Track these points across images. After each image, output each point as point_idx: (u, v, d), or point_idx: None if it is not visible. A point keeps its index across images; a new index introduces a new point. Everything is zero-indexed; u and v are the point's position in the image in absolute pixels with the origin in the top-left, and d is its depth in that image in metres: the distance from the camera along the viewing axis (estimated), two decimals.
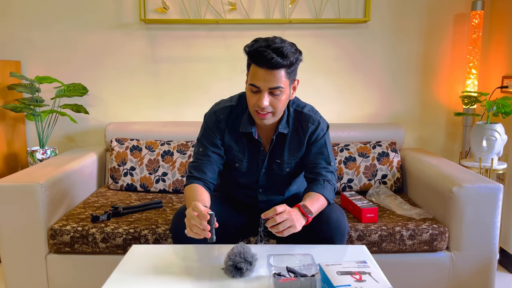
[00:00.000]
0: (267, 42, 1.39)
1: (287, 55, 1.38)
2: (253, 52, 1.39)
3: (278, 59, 1.36)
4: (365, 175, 2.33)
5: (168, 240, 1.80)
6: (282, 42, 1.40)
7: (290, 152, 1.61)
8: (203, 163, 1.56)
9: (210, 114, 1.62)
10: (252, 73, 1.43)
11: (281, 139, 1.60)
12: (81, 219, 1.90)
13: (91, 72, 2.68)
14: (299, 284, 1.09)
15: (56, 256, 1.87)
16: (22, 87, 2.46)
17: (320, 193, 1.51)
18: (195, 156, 1.60)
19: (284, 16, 2.60)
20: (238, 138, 1.60)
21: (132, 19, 2.62)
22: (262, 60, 1.37)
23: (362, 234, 1.83)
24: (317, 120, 1.60)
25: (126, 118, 2.73)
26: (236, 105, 1.60)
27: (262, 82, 1.40)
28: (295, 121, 1.59)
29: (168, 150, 2.38)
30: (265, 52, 1.36)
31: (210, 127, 1.59)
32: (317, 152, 1.60)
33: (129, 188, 2.35)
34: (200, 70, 2.69)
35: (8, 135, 2.52)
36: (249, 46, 1.42)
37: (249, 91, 1.45)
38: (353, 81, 2.71)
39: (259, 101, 1.42)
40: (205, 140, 1.59)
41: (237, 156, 1.61)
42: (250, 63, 1.44)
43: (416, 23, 2.65)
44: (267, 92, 1.42)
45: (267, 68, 1.38)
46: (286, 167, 1.62)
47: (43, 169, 2.02)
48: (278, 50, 1.37)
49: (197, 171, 1.56)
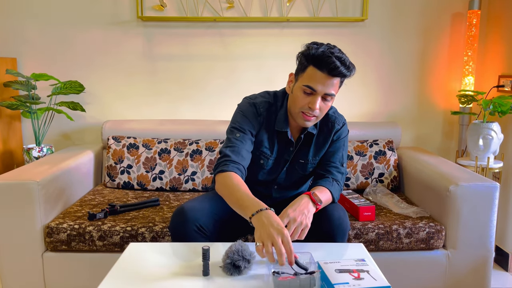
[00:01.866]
0: (329, 48, 1.40)
1: (349, 67, 1.41)
2: (319, 55, 1.39)
3: (343, 69, 1.39)
4: (362, 173, 2.33)
5: (166, 238, 1.79)
6: (341, 52, 1.42)
7: (315, 153, 1.63)
8: (242, 148, 1.48)
9: (249, 104, 1.57)
10: (310, 75, 1.42)
11: (308, 140, 1.61)
12: (78, 217, 1.89)
13: (88, 69, 2.67)
14: (298, 282, 1.09)
15: (53, 254, 1.86)
16: (18, 84, 2.45)
17: (328, 188, 1.52)
18: (231, 141, 1.50)
19: (282, 14, 2.60)
20: (271, 135, 1.59)
21: (129, 17, 2.61)
22: (326, 66, 1.38)
23: (359, 232, 1.83)
24: (342, 121, 1.64)
25: (123, 116, 2.72)
26: (273, 103, 1.59)
27: (320, 86, 1.41)
28: (322, 123, 1.62)
29: (165, 148, 2.37)
30: (331, 59, 1.37)
31: (249, 116, 1.55)
32: (334, 151, 1.62)
33: (126, 186, 2.35)
34: (197, 68, 2.68)
35: (4, 133, 2.51)
36: (314, 49, 1.41)
37: (301, 92, 1.45)
38: (350, 80, 2.69)
39: (311, 103, 1.43)
40: (243, 126, 1.53)
41: (265, 153, 1.61)
42: (306, 65, 1.43)
43: (413, 22, 2.65)
44: (321, 96, 1.43)
45: (328, 73, 1.39)
46: (310, 167, 1.65)
47: (40, 167, 2.01)
48: (341, 59, 1.39)
49: (236, 155, 1.46)
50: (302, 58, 1.45)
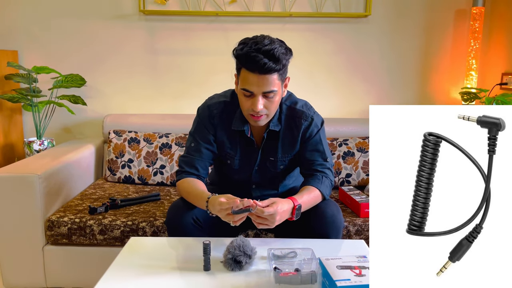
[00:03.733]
0: (256, 44, 1.32)
1: (279, 58, 1.32)
2: (244, 56, 1.33)
3: (271, 64, 1.31)
4: (363, 170, 2.33)
5: (166, 233, 1.79)
6: (271, 42, 1.33)
7: (283, 150, 1.58)
8: (194, 159, 1.55)
9: (203, 108, 1.59)
10: (243, 77, 1.38)
11: (273, 137, 1.57)
12: (79, 211, 1.89)
13: (89, 63, 2.66)
14: (299, 278, 1.09)
15: (53, 248, 1.86)
16: (19, 77, 2.44)
17: (317, 187, 1.50)
18: (187, 151, 1.58)
19: (285, 9, 2.58)
20: (231, 135, 1.57)
21: (131, 10, 2.60)
22: (254, 65, 1.32)
23: (360, 228, 1.83)
24: (310, 116, 1.56)
25: (124, 110, 2.71)
26: (230, 101, 1.57)
27: (256, 87, 1.36)
28: (288, 118, 1.56)
29: (166, 142, 2.37)
30: (257, 57, 1.30)
31: (203, 122, 1.57)
32: (313, 149, 1.57)
33: (126, 180, 2.34)
34: (199, 63, 2.67)
35: (5, 126, 2.50)
36: (238, 50, 1.36)
37: (242, 95, 1.42)
38: (352, 76, 2.71)
39: (253, 105, 1.39)
40: (197, 135, 1.57)
41: (229, 153, 1.59)
42: (240, 67, 1.39)
43: (417, 18, 2.64)
44: (261, 95, 1.38)
45: (259, 73, 1.33)
46: (280, 164, 1.60)
47: (41, 160, 2.01)
48: (269, 53, 1.31)
49: (189, 167, 1.55)
50: (236, 60, 1.40)
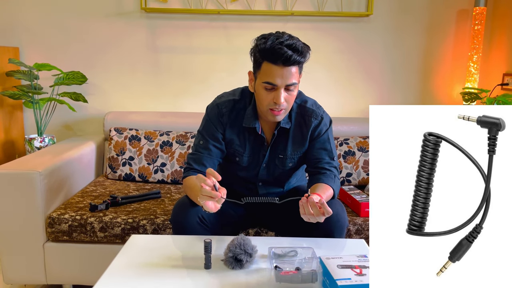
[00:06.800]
0: (277, 38, 1.37)
1: (302, 51, 1.38)
2: (269, 49, 1.36)
3: (295, 56, 1.36)
4: (364, 169, 2.33)
5: (167, 231, 1.80)
6: (290, 37, 1.38)
7: (293, 147, 1.60)
8: (203, 156, 1.55)
9: (212, 106, 1.60)
10: (266, 71, 1.39)
11: (283, 134, 1.58)
12: (79, 208, 1.89)
13: (91, 60, 2.66)
14: (300, 277, 1.09)
15: (54, 245, 1.87)
16: (20, 74, 2.44)
17: (330, 185, 1.50)
18: (195, 148, 1.59)
19: (286, 8, 2.58)
20: (240, 133, 1.58)
21: (132, 8, 2.60)
22: (279, 57, 1.35)
23: (360, 228, 1.83)
24: (320, 115, 1.59)
25: (125, 108, 2.71)
26: (239, 100, 1.58)
27: (280, 79, 1.38)
28: (298, 116, 1.58)
29: (167, 140, 2.37)
30: (282, 50, 1.34)
31: (212, 120, 1.58)
32: (321, 147, 1.58)
33: (127, 178, 2.35)
34: (200, 61, 2.67)
35: (6, 122, 2.51)
36: (261, 44, 1.39)
37: (263, 89, 1.42)
38: (353, 75, 2.71)
39: (276, 98, 1.41)
40: (206, 133, 1.58)
41: (238, 150, 1.60)
42: (261, 61, 1.41)
43: (418, 18, 2.64)
44: (283, 89, 1.41)
45: (283, 65, 1.36)
46: (289, 162, 1.62)
47: (41, 157, 2.01)
48: (292, 46, 1.36)
49: (197, 164, 1.55)
50: (255, 55, 1.43)
